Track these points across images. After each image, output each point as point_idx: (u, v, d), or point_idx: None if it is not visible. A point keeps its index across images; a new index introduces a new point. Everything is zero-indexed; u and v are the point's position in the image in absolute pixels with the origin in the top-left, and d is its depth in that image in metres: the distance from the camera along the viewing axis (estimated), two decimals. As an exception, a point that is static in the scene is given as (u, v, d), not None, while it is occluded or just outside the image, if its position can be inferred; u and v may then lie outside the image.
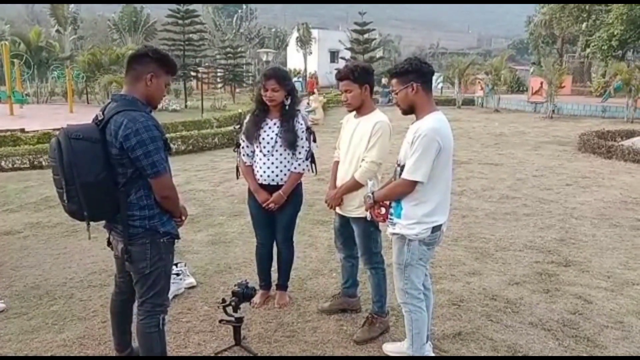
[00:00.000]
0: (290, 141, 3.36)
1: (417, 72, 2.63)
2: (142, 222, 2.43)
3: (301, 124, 3.41)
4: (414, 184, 2.58)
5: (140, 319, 2.57)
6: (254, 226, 3.70)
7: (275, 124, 3.40)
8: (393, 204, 2.74)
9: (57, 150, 2.28)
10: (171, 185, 2.49)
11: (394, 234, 2.75)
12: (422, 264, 2.76)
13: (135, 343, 3.00)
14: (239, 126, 3.63)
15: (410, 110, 2.70)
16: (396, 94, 2.69)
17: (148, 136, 2.31)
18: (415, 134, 2.57)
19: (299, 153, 3.41)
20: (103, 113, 2.39)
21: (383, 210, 2.80)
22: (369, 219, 2.91)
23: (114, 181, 2.37)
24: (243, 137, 3.49)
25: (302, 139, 3.40)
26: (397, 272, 2.78)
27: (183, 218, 2.68)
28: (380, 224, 3.04)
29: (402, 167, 2.65)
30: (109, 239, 2.64)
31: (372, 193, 2.81)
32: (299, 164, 3.43)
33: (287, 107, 3.39)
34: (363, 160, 3.08)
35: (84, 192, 2.29)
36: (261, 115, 3.44)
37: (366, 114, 3.16)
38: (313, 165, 3.57)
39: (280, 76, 3.33)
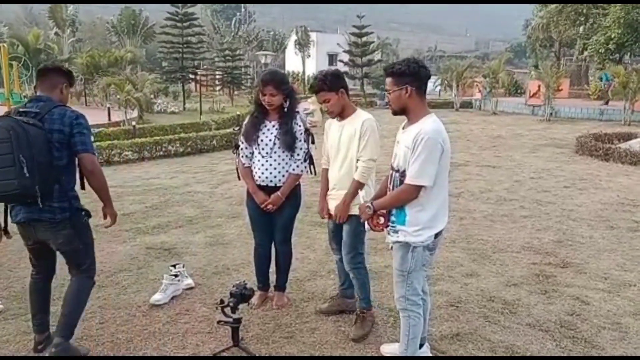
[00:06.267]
0: (288, 143, 3.37)
1: (413, 75, 2.57)
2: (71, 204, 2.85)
3: (299, 126, 3.42)
4: (419, 189, 2.53)
5: (78, 280, 2.98)
6: (252, 227, 3.70)
7: (274, 126, 3.41)
8: (394, 211, 2.66)
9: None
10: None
11: (397, 241, 2.67)
12: (425, 269, 2.75)
13: (52, 330, 3.07)
14: (238, 128, 3.63)
15: (401, 111, 2.65)
16: (390, 93, 2.64)
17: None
18: (416, 137, 2.50)
19: (297, 155, 3.42)
20: None
21: (382, 219, 2.71)
22: (367, 229, 2.85)
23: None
24: (242, 138, 3.50)
25: (300, 140, 3.41)
26: (398, 279, 2.72)
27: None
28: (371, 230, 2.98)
29: (402, 173, 2.59)
30: (23, 232, 2.91)
31: (371, 203, 2.71)
32: (297, 166, 3.44)
33: (285, 110, 3.40)
34: (358, 160, 3.08)
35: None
36: (260, 117, 3.45)
37: (349, 116, 3.17)
38: (312, 166, 3.58)
39: (277, 81, 3.33)
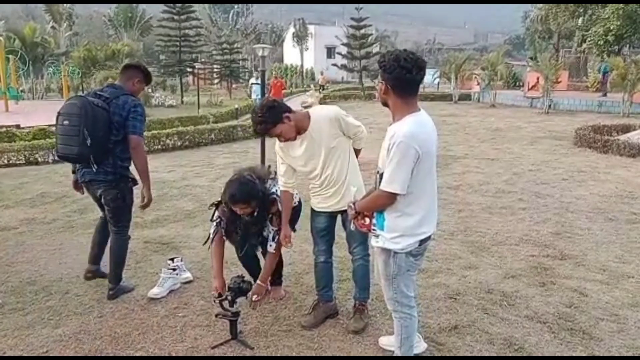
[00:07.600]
0: (265, 245, 3.38)
1: (389, 74, 2.39)
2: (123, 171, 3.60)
3: (268, 227, 3.33)
4: (393, 195, 2.39)
5: (115, 238, 3.68)
6: None
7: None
8: (375, 214, 2.55)
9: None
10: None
11: (377, 246, 2.57)
12: (411, 274, 2.64)
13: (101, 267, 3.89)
14: (216, 204, 3.43)
15: (385, 105, 2.51)
16: (379, 83, 2.53)
17: None
18: (391, 140, 2.36)
19: (269, 237, 3.35)
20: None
21: (367, 220, 2.59)
22: (353, 229, 2.78)
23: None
24: (223, 223, 3.37)
25: (271, 231, 3.33)
26: (385, 283, 2.65)
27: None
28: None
29: (381, 175, 2.45)
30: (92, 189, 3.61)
31: (354, 203, 2.62)
32: (272, 246, 3.34)
33: (256, 214, 3.25)
34: (352, 138, 3.10)
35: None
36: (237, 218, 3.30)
37: (308, 127, 3.02)
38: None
39: (245, 199, 3.12)
